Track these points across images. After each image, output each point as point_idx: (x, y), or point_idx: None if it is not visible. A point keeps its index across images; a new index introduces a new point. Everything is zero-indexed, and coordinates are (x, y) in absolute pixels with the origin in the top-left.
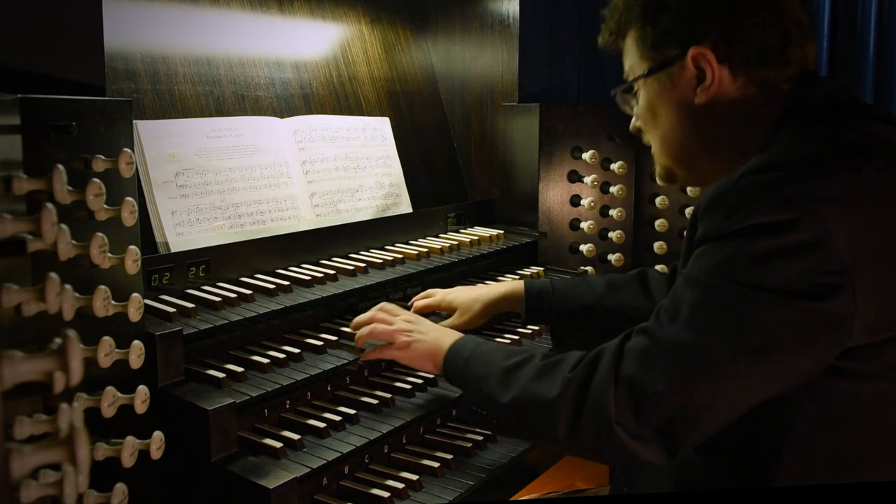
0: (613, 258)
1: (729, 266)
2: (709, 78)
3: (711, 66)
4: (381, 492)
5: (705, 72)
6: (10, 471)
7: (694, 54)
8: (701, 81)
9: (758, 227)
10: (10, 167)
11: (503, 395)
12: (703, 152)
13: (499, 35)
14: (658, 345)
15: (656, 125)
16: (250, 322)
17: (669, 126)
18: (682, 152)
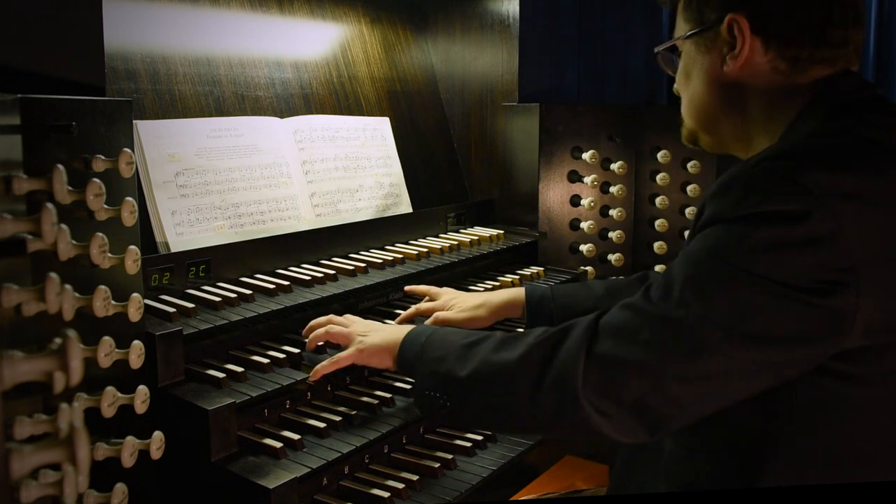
0: (613, 258)
1: (733, 250)
2: (738, 46)
3: (744, 35)
4: (381, 492)
5: (736, 40)
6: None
7: (729, 20)
8: (732, 49)
9: (769, 215)
10: (10, 167)
11: (461, 369)
12: (726, 122)
13: (499, 35)
14: (643, 319)
15: (687, 87)
16: (250, 322)
17: (698, 90)
18: (705, 118)
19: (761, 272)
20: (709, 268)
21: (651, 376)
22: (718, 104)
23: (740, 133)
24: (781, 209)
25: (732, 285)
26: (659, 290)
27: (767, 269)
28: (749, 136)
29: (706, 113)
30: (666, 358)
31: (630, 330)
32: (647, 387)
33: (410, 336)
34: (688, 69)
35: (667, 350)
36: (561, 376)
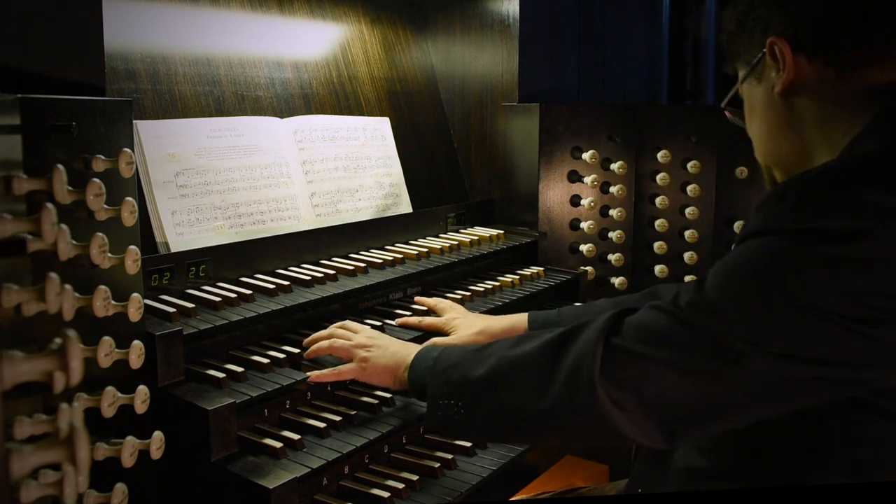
0: (613, 258)
1: (778, 266)
2: (781, 66)
3: (784, 53)
4: (381, 492)
5: (781, 61)
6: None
7: (770, 44)
8: (779, 71)
9: (822, 231)
10: (10, 167)
11: (477, 370)
12: (787, 144)
13: (499, 35)
14: (670, 321)
15: (752, 123)
16: (250, 322)
17: (760, 122)
18: (772, 149)
19: (806, 295)
20: (747, 281)
21: (671, 377)
22: (776, 127)
23: (802, 154)
24: (837, 226)
25: (771, 303)
26: (691, 295)
27: (815, 292)
28: (812, 156)
29: (771, 141)
30: (690, 362)
31: (655, 329)
32: (666, 387)
33: (422, 353)
34: (750, 108)
35: (691, 355)
36: (577, 364)
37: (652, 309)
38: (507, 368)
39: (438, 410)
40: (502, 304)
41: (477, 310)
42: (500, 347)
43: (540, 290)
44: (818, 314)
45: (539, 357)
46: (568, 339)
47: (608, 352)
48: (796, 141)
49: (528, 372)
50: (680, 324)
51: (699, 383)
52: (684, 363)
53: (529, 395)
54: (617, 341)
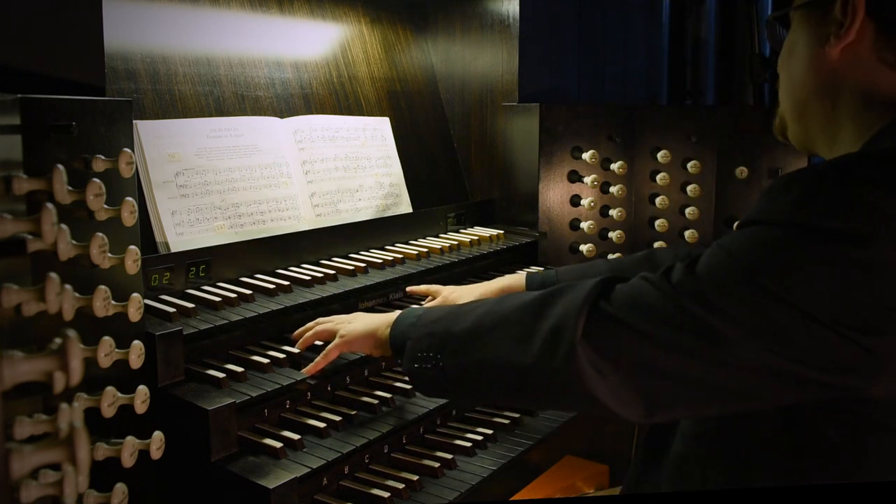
0: (613, 258)
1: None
2: (847, 24)
3: (856, 14)
4: (381, 492)
5: (844, 21)
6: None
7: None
8: (837, 30)
9: (827, 230)
10: (10, 167)
11: (459, 325)
12: (816, 107)
13: (499, 35)
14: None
15: (788, 64)
16: (250, 322)
17: (796, 67)
18: (797, 100)
19: (799, 293)
20: (741, 272)
21: (653, 350)
22: (812, 85)
23: (827, 125)
24: (841, 226)
25: (761, 296)
26: (682, 275)
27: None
28: (836, 131)
29: (799, 94)
30: (672, 339)
31: (643, 301)
32: (646, 359)
33: (405, 312)
34: (792, 44)
35: (675, 332)
36: (560, 324)
37: (643, 280)
38: (489, 323)
39: (416, 363)
40: None
41: None
42: (486, 303)
43: None
44: (809, 314)
45: (523, 314)
46: (554, 298)
47: (593, 315)
48: (828, 109)
49: (509, 327)
50: (668, 300)
51: (679, 360)
52: (667, 339)
53: (509, 350)
54: (604, 306)
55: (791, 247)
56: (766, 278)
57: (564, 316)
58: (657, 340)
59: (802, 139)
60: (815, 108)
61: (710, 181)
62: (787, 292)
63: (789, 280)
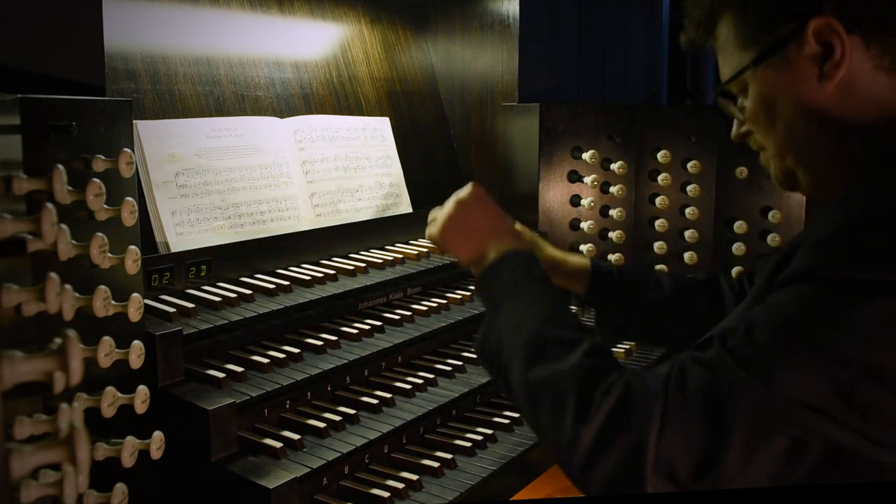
0: (613, 258)
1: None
2: (838, 52)
3: (840, 37)
4: (381, 492)
5: (833, 45)
6: (10, 471)
7: (816, 27)
8: (827, 58)
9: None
10: (10, 167)
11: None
12: (833, 148)
13: (499, 35)
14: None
15: (773, 121)
16: (250, 322)
17: (791, 119)
18: (807, 150)
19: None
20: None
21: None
22: (821, 126)
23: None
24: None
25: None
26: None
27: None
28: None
29: (808, 142)
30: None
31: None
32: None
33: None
34: (768, 100)
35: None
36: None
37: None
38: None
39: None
40: None
41: (476, 310)
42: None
43: None
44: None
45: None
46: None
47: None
48: (841, 142)
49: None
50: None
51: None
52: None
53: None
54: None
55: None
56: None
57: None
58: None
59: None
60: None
61: (710, 181)
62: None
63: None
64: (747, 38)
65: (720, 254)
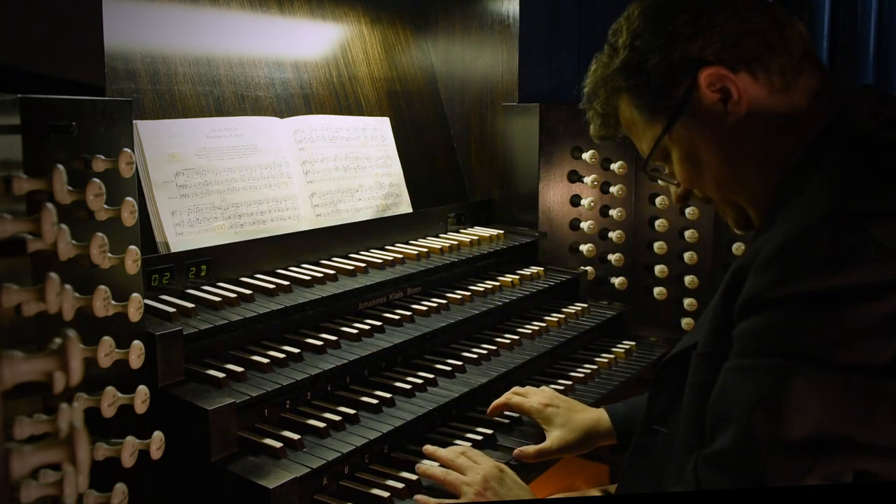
0: (613, 258)
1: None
2: (734, 91)
3: (730, 79)
4: (381, 492)
5: (728, 88)
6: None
7: (707, 78)
8: (727, 100)
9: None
10: (10, 167)
11: None
12: (757, 174)
13: (499, 35)
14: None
15: (704, 171)
16: (250, 322)
17: (718, 163)
18: (739, 184)
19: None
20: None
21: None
22: (742, 159)
23: (765, 176)
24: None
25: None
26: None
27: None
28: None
29: (739, 177)
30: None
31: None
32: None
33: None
34: (692, 155)
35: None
36: None
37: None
38: None
39: None
40: (502, 303)
41: (476, 310)
42: None
43: (540, 290)
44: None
45: None
46: None
47: None
48: (761, 166)
49: None
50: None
51: None
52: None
53: None
54: None
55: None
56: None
57: None
58: None
59: (761, 213)
60: (754, 175)
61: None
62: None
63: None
64: (651, 112)
65: (720, 254)
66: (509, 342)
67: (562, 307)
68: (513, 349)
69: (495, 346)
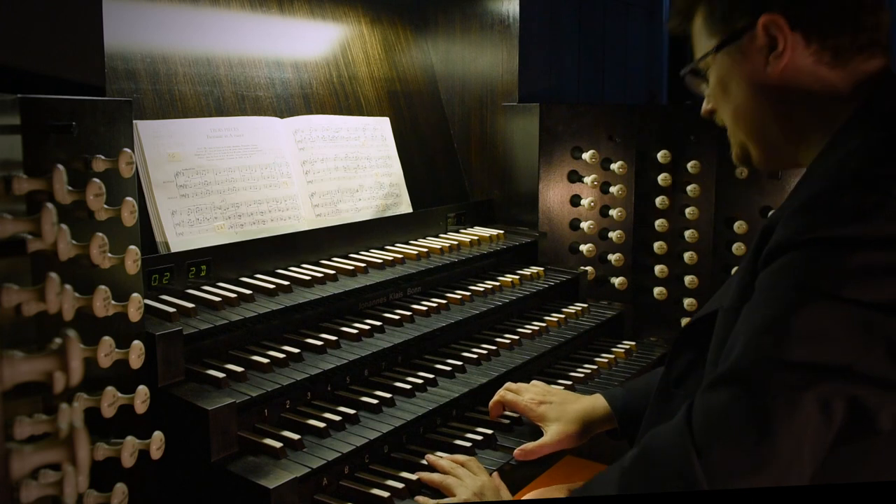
0: (613, 258)
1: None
2: (780, 45)
3: (783, 33)
4: (381, 492)
5: (777, 39)
6: (10, 471)
7: (765, 22)
8: (773, 50)
9: (872, 238)
10: (10, 167)
11: None
12: (777, 129)
13: (499, 35)
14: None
15: (728, 100)
16: (250, 322)
17: (742, 99)
18: (756, 127)
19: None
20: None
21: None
22: (768, 110)
23: (791, 136)
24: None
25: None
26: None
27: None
28: (801, 138)
29: (756, 120)
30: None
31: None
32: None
33: None
34: (724, 82)
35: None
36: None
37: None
38: None
39: None
40: (502, 303)
41: (476, 310)
42: None
43: (540, 290)
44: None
45: None
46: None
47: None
48: (784, 125)
49: None
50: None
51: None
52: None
53: None
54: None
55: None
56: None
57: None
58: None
59: (769, 161)
60: (773, 128)
61: (710, 181)
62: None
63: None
64: (713, 29)
65: (720, 254)
66: (509, 342)
67: (562, 307)
68: (513, 349)
69: (495, 346)
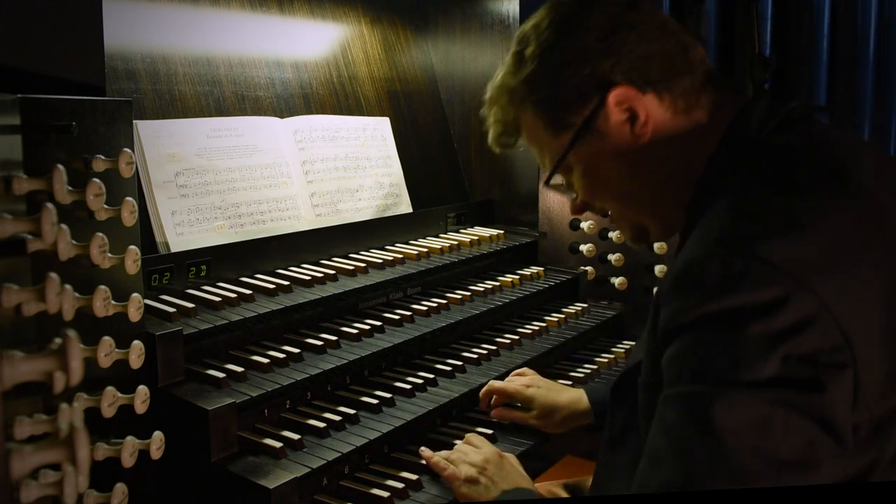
0: (613, 258)
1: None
2: (641, 114)
3: (638, 100)
4: (381, 492)
5: (635, 109)
6: (10, 471)
7: (616, 97)
8: (635, 121)
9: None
10: (10, 167)
11: None
12: (666, 191)
13: (499, 35)
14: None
15: (605, 185)
16: (250, 322)
17: (618, 179)
18: (646, 198)
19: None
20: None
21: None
22: (649, 175)
23: (674, 197)
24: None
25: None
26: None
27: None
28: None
29: (644, 192)
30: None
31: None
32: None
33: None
34: (593, 169)
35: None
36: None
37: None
38: None
39: None
40: (502, 303)
41: (476, 310)
42: None
43: (540, 290)
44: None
45: None
46: None
47: None
48: (665, 186)
49: None
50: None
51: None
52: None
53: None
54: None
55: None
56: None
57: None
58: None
59: (666, 229)
60: (661, 192)
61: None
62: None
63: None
64: (556, 126)
65: None
66: (509, 342)
67: (562, 307)
68: (513, 349)
69: (495, 346)
